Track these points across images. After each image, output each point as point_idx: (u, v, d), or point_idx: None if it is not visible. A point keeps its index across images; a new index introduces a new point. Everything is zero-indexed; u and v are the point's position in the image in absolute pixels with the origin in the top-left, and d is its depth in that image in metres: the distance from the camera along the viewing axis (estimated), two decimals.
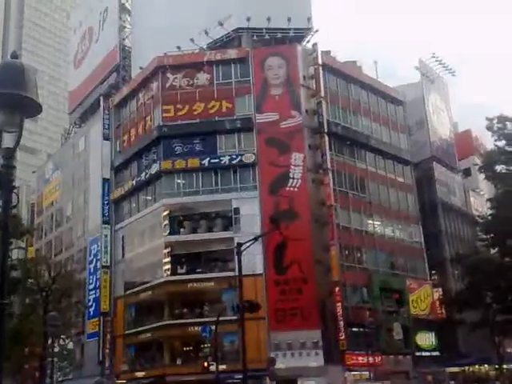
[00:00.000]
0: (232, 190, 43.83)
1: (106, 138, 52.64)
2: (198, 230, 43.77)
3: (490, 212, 45.63)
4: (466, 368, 50.18)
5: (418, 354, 45.07)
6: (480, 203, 62.38)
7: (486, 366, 51.17)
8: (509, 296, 42.81)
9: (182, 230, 44.09)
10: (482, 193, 65.81)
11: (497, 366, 46.63)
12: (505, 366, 47.37)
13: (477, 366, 51.21)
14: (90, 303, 49.18)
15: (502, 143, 42.76)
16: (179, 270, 42.87)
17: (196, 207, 44.08)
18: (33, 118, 6.42)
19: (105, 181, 51.66)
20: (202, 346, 38.48)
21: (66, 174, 60.80)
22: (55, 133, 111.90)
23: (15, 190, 5.59)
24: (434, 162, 58.85)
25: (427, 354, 46.27)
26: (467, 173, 65.58)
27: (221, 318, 30.71)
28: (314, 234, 42.27)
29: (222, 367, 32.24)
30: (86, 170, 56.40)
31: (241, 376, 29.30)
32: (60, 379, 40.66)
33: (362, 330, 38.60)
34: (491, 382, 46.28)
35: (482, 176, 48.74)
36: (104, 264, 48.74)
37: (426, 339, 47.04)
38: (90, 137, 56.58)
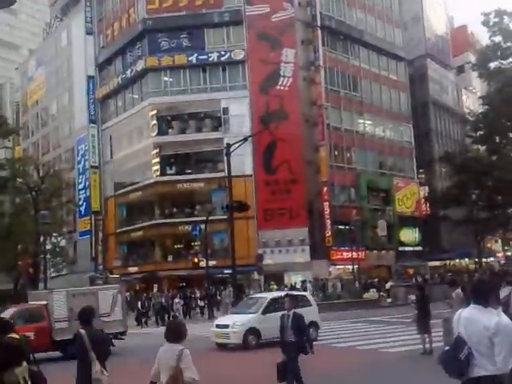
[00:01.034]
0: (221, 89, 42.77)
1: (88, 32, 50.35)
2: (186, 130, 43.25)
3: (481, 110, 45.22)
4: (447, 262, 52.46)
5: (400, 249, 46.85)
6: (472, 101, 61.72)
7: (466, 260, 53.50)
8: (494, 194, 43.74)
9: (170, 130, 43.54)
10: (474, 91, 64.90)
11: (476, 260, 48.76)
12: (484, 260, 49.57)
13: (457, 260, 53.54)
14: (80, 202, 49.68)
15: (498, 38, 41.31)
16: (168, 171, 42.92)
17: (184, 107, 43.20)
18: (12, 12, 5.82)
19: (89, 78, 50.16)
20: (192, 243, 39.50)
21: (50, 71, 58.74)
22: (36, 27, 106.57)
23: None
24: (428, 60, 57.40)
25: (410, 249, 48.09)
26: (461, 70, 64.16)
27: (210, 218, 31.33)
28: (304, 134, 41.98)
29: (212, 263, 33.37)
30: (69, 66, 54.48)
31: (230, 271, 30.51)
32: (53, 275, 42.01)
33: (347, 227, 39.66)
34: (471, 273, 48.44)
35: (476, 74, 47.69)
36: (92, 164, 48.62)
37: (409, 235, 48.66)
38: (72, 31, 54.04)
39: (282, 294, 18.69)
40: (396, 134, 50.67)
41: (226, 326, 16.12)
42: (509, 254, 59.07)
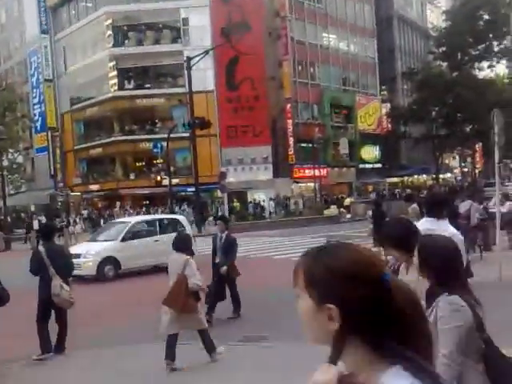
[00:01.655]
0: None
1: None
2: (144, 42, 41.33)
3: (444, 25, 44.71)
4: (406, 178, 53.88)
5: (361, 166, 47.62)
6: (436, 16, 60.84)
7: (424, 176, 55.04)
8: (453, 111, 44.37)
9: (126, 41, 41.50)
10: (439, 5, 63.86)
11: (434, 176, 50.23)
12: (441, 176, 51.13)
13: (416, 177, 55.03)
14: (35, 118, 47.77)
15: None
16: (127, 86, 41.37)
17: (141, 16, 40.99)
18: None
19: None
20: (154, 161, 38.99)
21: None
22: None
23: None
24: None
25: (370, 166, 48.95)
26: None
27: (172, 135, 30.75)
28: (267, 48, 40.77)
29: (175, 181, 33.20)
30: None
31: (193, 189, 30.53)
32: (12, 192, 41.13)
33: (310, 145, 39.76)
34: (428, 189, 50.02)
35: None
36: (46, 77, 46.33)
37: (370, 152, 49.35)
38: None
39: (149, 218, 18.19)
40: (360, 49, 49.95)
41: (78, 256, 13.74)
42: (465, 169, 61.04)
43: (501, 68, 44.15)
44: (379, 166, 49.79)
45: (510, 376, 2.53)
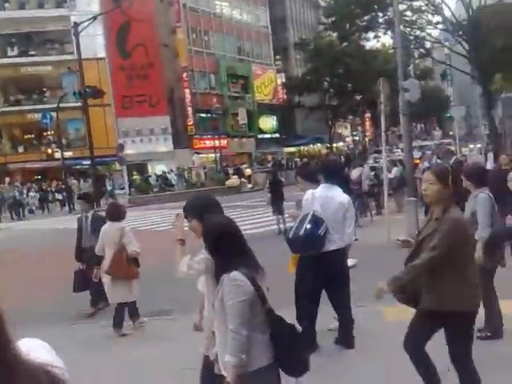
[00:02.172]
0: None
1: None
2: (26, 5, 38.50)
3: None
4: (302, 148, 55.64)
5: (260, 136, 48.43)
6: None
7: (318, 145, 57.18)
8: (344, 81, 46.19)
9: (6, 5, 38.47)
10: None
11: (328, 145, 52.35)
12: (334, 145, 53.38)
13: (311, 146, 57.00)
14: None
15: None
16: (10, 53, 38.44)
17: None
18: None
19: None
20: (44, 133, 36.90)
21: None
22: None
23: None
24: None
25: (268, 136, 49.93)
26: None
27: (63, 105, 29.33)
28: (160, 14, 39.67)
29: (69, 154, 31.87)
30: None
31: (89, 162, 29.43)
32: None
33: (209, 115, 39.67)
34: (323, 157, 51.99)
35: None
36: None
37: (267, 123, 50.27)
38: None
39: None
40: (253, 19, 50.16)
41: None
42: (356, 138, 64.15)
43: (386, 39, 46.44)
44: (277, 136, 50.91)
45: (293, 342, 2.79)
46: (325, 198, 5.12)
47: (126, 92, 37.80)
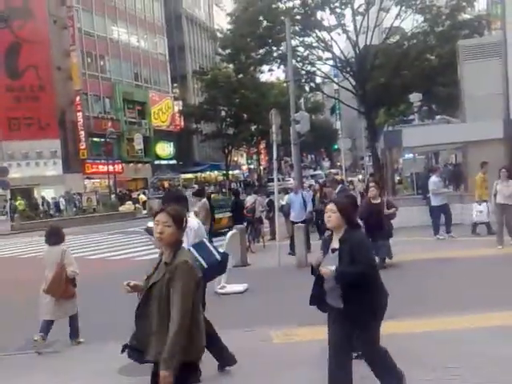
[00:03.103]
0: None
1: None
2: None
3: (229, 27, 47.13)
4: (199, 174, 55.88)
5: (156, 162, 48.01)
6: (222, 18, 63.82)
7: (215, 172, 57.74)
8: (240, 111, 47.27)
9: None
10: (224, 8, 67.09)
11: (224, 172, 53.02)
12: (230, 172, 54.17)
13: (208, 173, 57.41)
14: None
15: None
16: None
17: None
18: None
19: None
20: None
21: None
22: None
23: None
24: None
25: (165, 162, 49.65)
26: None
27: None
28: (53, 37, 38.52)
29: None
30: None
31: None
32: None
33: (103, 140, 38.68)
34: (222, 184, 52.42)
35: None
36: None
37: (164, 149, 50.00)
38: None
39: None
40: (150, 46, 50.12)
41: None
42: (252, 166, 65.56)
43: (280, 72, 48.34)
44: (174, 162, 50.79)
45: None
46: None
47: (12, 114, 36.00)
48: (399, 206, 10.61)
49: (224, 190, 43.89)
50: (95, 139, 40.75)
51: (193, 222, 5.14)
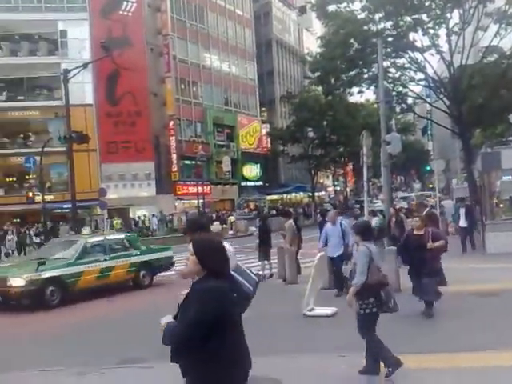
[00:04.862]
0: (58, 10, 39.01)
1: None
2: (18, 53, 39.09)
3: (319, 51, 47.36)
4: (284, 196, 56.05)
5: (243, 183, 48.77)
6: (312, 42, 64.34)
7: (301, 193, 57.64)
8: (328, 133, 47.11)
9: None
10: (314, 32, 67.60)
11: (310, 194, 52.76)
12: (316, 194, 53.82)
13: (293, 194, 57.44)
14: None
15: None
16: None
17: (15, 26, 38.69)
18: None
19: None
20: (26, 177, 36.70)
21: None
22: None
23: None
24: None
25: (252, 184, 50.31)
26: (302, 10, 66.13)
27: (48, 149, 29.27)
28: (150, 64, 40.53)
29: (50, 198, 31.57)
30: None
31: (70, 205, 29.14)
32: None
33: (193, 162, 39.95)
34: (304, 205, 52.32)
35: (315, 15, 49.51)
36: None
37: (251, 171, 50.75)
38: None
39: None
40: (241, 71, 51.35)
41: None
42: (338, 188, 64.79)
43: (369, 93, 47.73)
44: (260, 183, 51.37)
45: None
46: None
47: (111, 138, 38.09)
48: (497, 230, 9.88)
49: (306, 212, 43.70)
50: (186, 162, 42.18)
51: (228, 245, 5.00)
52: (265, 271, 13.87)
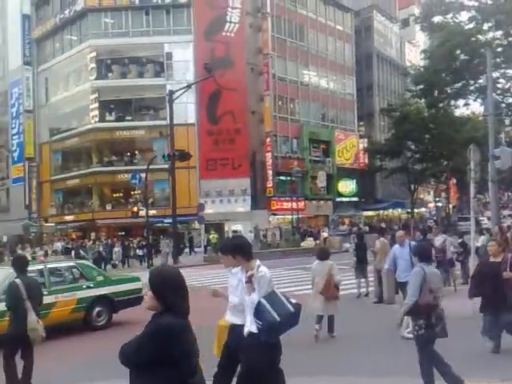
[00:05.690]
0: (164, 33, 41.21)
1: None
2: (127, 75, 41.66)
3: (422, 63, 45.86)
4: (381, 212, 54.42)
5: (338, 199, 48.07)
6: (414, 55, 62.57)
7: (399, 210, 55.65)
8: (429, 146, 45.26)
9: (109, 74, 41.81)
10: (417, 44, 65.71)
11: (409, 210, 50.77)
12: (415, 210, 51.69)
13: (390, 210, 55.61)
14: (13, 148, 47.43)
15: None
16: (108, 117, 41.50)
17: (125, 50, 41.45)
18: None
19: (24, 17, 47.11)
20: (131, 192, 38.76)
21: None
22: None
23: None
24: (375, 11, 57.38)
25: (347, 199, 49.42)
26: (405, 23, 64.44)
27: (151, 166, 30.71)
28: (249, 83, 41.39)
29: (152, 212, 32.99)
30: (3, 4, 50.65)
31: (170, 220, 30.29)
32: None
33: (288, 178, 39.99)
34: (402, 221, 50.38)
35: (419, 27, 48.06)
36: (27, 108, 46.23)
37: (347, 186, 49.91)
38: None
39: None
40: (339, 86, 50.93)
41: None
42: (439, 204, 61.80)
43: (476, 106, 45.35)
44: (355, 199, 50.32)
45: None
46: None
47: (210, 155, 39.28)
48: None
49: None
50: (281, 177, 42.42)
51: (265, 269, 4.70)
52: (361, 289, 13.74)
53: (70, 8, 43.40)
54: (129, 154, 41.61)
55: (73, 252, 29.26)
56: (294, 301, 4.59)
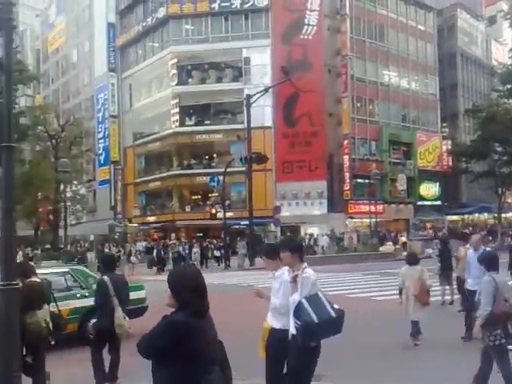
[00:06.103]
0: (243, 38, 41.82)
1: None
2: (206, 80, 42.63)
3: (510, 62, 43.46)
4: (466, 216, 51.93)
5: (419, 203, 46.39)
6: (501, 54, 59.33)
7: (485, 214, 52.86)
8: None
9: (190, 80, 42.96)
10: (504, 42, 62.30)
11: (496, 215, 48.07)
12: (503, 215, 48.85)
13: (476, 215, 52.93)
14: (99, 151, 49.90)
15: None
16: (187, 122, 42.63)
17: (205, 56, 42.45)
18: None
19: (110, 25, 49.46)
20: (209, 195, 39.57)
21: (70, 18, 58.04)
22: None
23: (17, 31, 4.87)
24: (459, 10, 55.05)
25: (429, 203, 47.58)
26: (492, 21, 61.41)
27: (229, 169, 31.21)
28: (327, 85, 41.06)
29: (229, 214, 33.47)
30: (90, 13, 53.65)
31: (247, 222, 30.62)
32: (73, 222, 42.52)
33: (366, 181, 39.17)
34: (489, 226, 47.88)
35: (507, 24, 45.57)
36: (112, 113, 48.52)
37: (429, 189, 48.06)
38: None
39: None
40: (421, 87, 49.31)
41: None
42: None
43: None
44: (438, 203, 48.37)
45: None
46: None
47: (287, 158, 39.29)
48: None
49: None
50: (359, 180, 41.67)
51: (311, 271, 4.68)
52: (445, 297, 13.08)
53: (152, 16, 45.09)
54: (207, 157, 42.56)
55: (155, 251, 30.30)
56: (337, 307, 4.58)
